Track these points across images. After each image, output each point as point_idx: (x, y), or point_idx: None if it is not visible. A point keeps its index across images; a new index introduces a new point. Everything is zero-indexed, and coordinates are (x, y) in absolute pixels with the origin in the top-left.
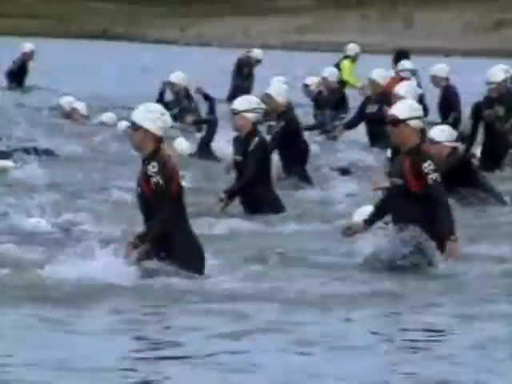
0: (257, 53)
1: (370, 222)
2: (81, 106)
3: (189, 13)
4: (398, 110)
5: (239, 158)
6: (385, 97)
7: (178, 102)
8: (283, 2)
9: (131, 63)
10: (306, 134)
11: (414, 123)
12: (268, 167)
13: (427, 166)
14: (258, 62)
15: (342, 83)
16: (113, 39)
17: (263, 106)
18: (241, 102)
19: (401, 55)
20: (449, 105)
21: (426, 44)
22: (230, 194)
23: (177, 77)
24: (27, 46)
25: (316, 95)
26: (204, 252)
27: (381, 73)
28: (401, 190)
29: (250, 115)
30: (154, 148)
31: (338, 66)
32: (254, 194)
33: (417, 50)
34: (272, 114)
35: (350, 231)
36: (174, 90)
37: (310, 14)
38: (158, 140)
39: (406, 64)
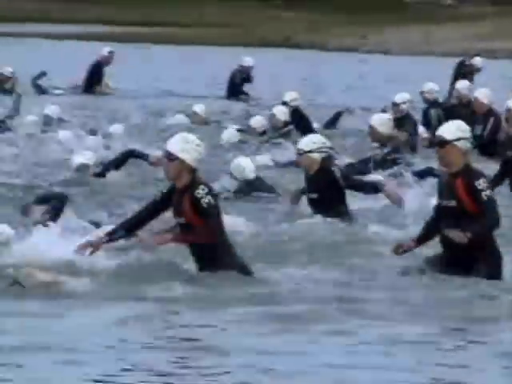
0: (477, 61)
1: (419, 241)
2: (200, 109)
3: (369, 20)
4: (445, 130)
5: (315, 195)
6: (489, 117)
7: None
8: (463, 9)
9: (314, 71)
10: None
11: (461, 144)
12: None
13: (481, 183)
14: (478, 70)
15: None
16: (294, 47)
17: (328, 144)
18: (306, 143)
19: None
20: None
21: None
22: None
23: (278, 109)
24: (247, 60)
25: (446, 107)
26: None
27: (484, 92)
28: (455, 211)
29: (315, 155)
30: (191, 177)
31: None
32: (329, 210)
33: None
34: (377, 143)
35: (400, 250)
36: (272, 121)
37: (490, 21)
38: (193, 170)
39: None
